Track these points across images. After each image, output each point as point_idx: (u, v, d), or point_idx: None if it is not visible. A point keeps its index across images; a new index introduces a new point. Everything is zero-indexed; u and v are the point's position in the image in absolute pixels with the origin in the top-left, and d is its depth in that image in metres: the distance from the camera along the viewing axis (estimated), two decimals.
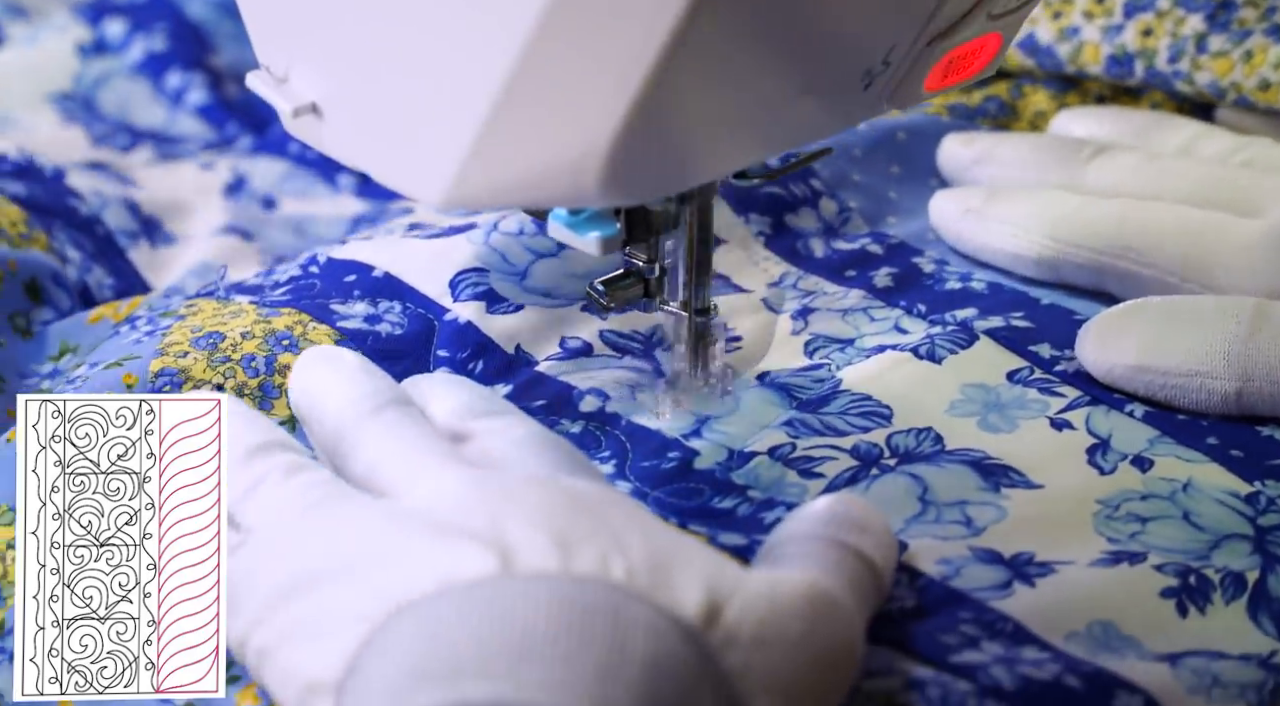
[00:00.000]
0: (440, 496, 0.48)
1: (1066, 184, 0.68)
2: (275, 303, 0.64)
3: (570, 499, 0.47)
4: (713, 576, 0.46)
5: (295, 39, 0.53)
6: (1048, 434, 0.58)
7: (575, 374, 0.62)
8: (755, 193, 0.69)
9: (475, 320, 0.63)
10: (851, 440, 0.58)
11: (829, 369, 0.62)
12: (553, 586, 0.44)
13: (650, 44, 0.45)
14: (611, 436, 0.60)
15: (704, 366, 0.61)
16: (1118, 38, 0.75)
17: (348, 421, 0.52)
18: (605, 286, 0.60)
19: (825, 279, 0.67)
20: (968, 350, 0.62)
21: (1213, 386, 0.58)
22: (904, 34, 0.51)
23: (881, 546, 0.50)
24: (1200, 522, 0.55)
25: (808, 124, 0.53)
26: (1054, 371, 0.61)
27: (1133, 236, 0.64)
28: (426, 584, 0.45)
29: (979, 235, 0.67)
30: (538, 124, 0.48)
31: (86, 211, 0.77)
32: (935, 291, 0.66)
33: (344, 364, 0.55)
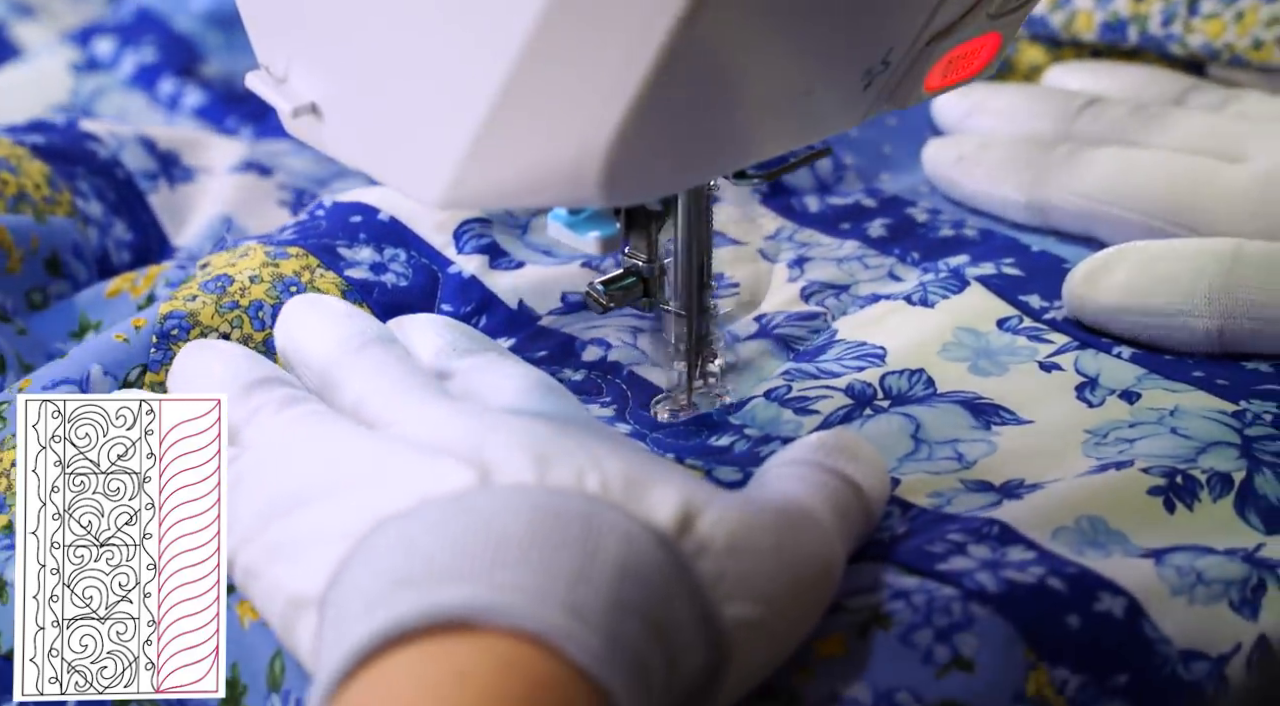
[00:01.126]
0: (423, 423, 0.49)
1: (1057, 134, 0.69)
2: (282, 241, 0.64)
3: (550, 425, 0.48)
4: (687, 489, 0.47)
5: (295, 39, 0.53)
6: (1037, 375, 0.59)
7: (577, 325, 0.63)
8: None
9: (479, 274, 0.64)
10: (846, 380, 0.59)
11: (825, 318, 0.63)
12: (528, 495, 0.45)
13: (649, 44, 0.44)
14: (612, 384, 0.61)
15: (703, 366, 0.61)
16: (1110, 4, 0.76)
17: (333, 360, 0.54)
18: (605, 286, 0.60)
19: (820, 231, 0.68)
20: (959, 295, 0.63)
21: (1195, 324, 0.59)
22: (904, 34, 0.51)
23: (870, 474, 0.51)
24: (1187, 433, 0.56)
25: (807, 124, 0.53)
26: (1043, 319, 0.62)
27: (1121, 183, 0.65)
28: (407, 499, 0.46)
29: (970, 182, 0.69)
30: (536, 124, 0.47)
31: (105, 154, 0.76)
32: (928, 239, 0.67)
33: (328, 308, 0.56)
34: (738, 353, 0.62)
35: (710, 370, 0.61)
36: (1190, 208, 0.64)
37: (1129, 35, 0.75)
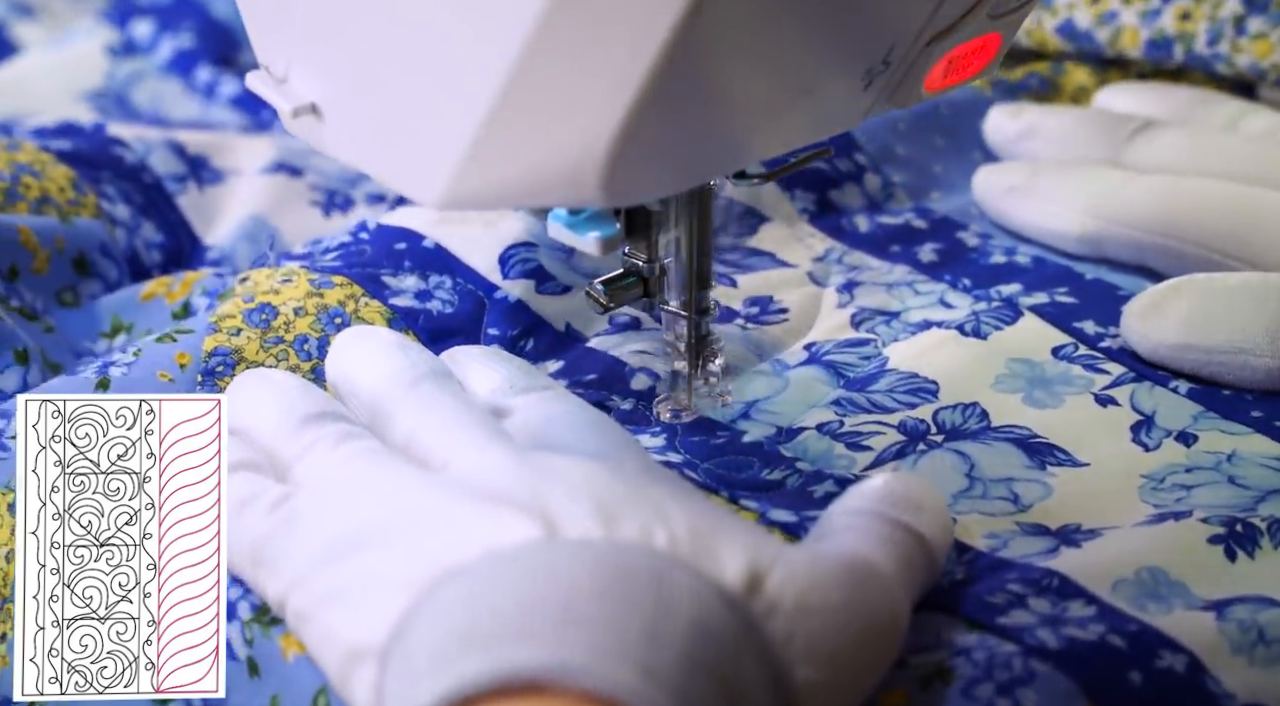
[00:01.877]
0: (483, 469, 0.48)
1: (1110, 159, 0.69)
2: (327, 268, 0.64)
3: (611, 473, 0.48)
4: (755, 546, 0.46)
5: (294, 39, 0.53)
6: (1092, 410, 0.59)
7: (624, 346, 0.62)
8: (800, 170, 0.69)
9: (525, 298, 0.64)
10: (898, 416, 0.59)
11: (876, 345, 0.63)
12: (596, 551, 0.44)
13: (649, 44, 0.44)
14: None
15: (704, 366, 0.61)
16: (1156, 22, 0.75)
17: (384, 395, 0.53)
18: (605, 286, 0.60)
19: (869, 254, 0.68)
20: (1013, 326, 0.62)
21: (1256, 363, 0.59)
22: (904, 34, 0.51)
23: (936, 524, 0.50)
24: (1245, 483, 0.55)
25: (807, 124, 0.53)
26: (1099, 347, 0.61)
27: (1175, 214, 0.64)
28: (471, 550, 0.45)
29: (1022, 212, 0.68)
30: (536, 124, 0.47)
31: (132, 159, 0.76)
32: (980, 265, 0.67)
33: (380, 340, 0.55)
34: (787, 379, 0.61)
35: (711, 370, 0.61)
36: (1246, 240, 0.63)
37: (1174, 53, 0.75)
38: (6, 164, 0.71)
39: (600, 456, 0.49)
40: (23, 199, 0.70)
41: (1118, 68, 0.78)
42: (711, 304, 0.60)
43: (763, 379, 0.62)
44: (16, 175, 0.71)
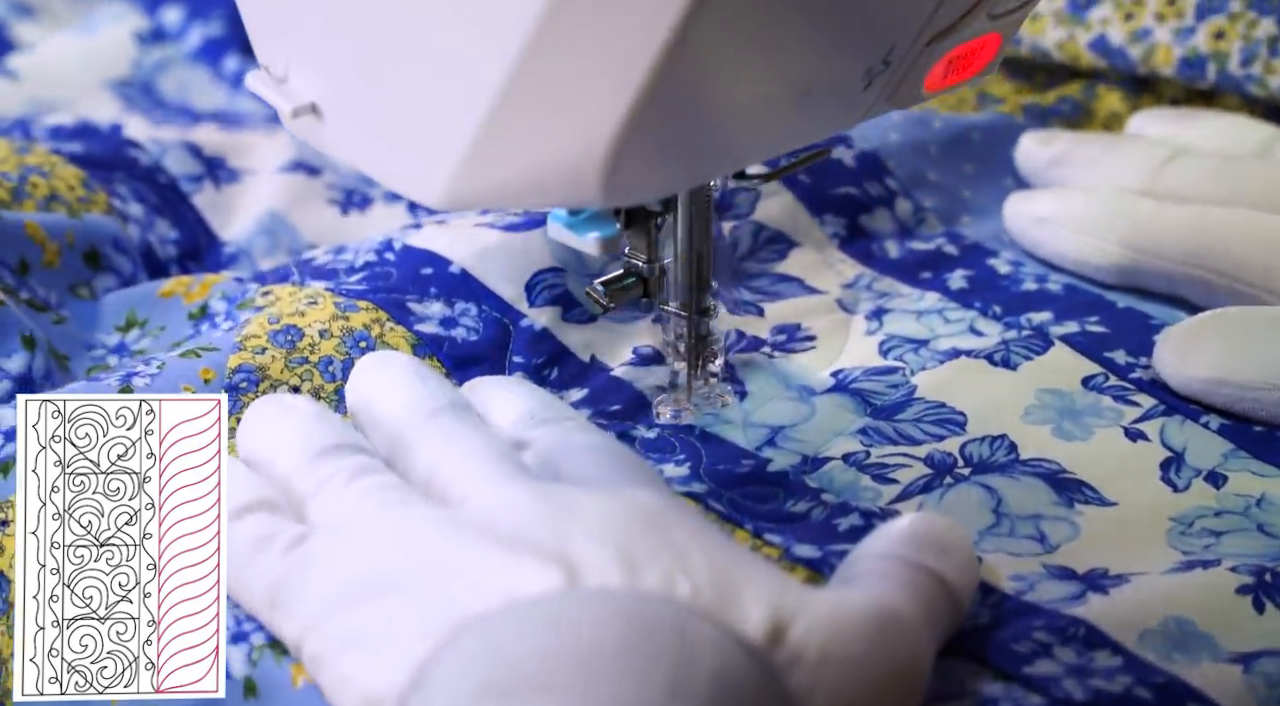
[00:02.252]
0: (502, 508, 0.48)
1: (1142, 187, 0.68)
2: (352, 292, 0.63)
3: (633, 513, 0.47)
4: (777, 595, 0.45)
5: (294, 39, 0.53)
6: (1122, 444, 0.58)
7: (649, 379, 0.62)
8: (830, 193, 0.69)
9: (551, 327, 0.63)
10: (925, 448, 0.58)
11: (904, 373, 0.62)
12: (619, 602, 0.44)
13: (649, 44, 0.44)
14: (686, 443, 0.59)
15: (703, 366, 0.61)
16: (1190, 40, 0.74)
17: (404, 425, 0.52)
18: (605, 286, 0.60)
19: (899, 280, 0.67)
20: (1043, 356, 0.62)
21: None
22: (904, 34, 0.51)
23: (961, 568, 0.49)
24: (1274, 531, 0.54)
25: (807, 124, 0.53)
26: (1129, 378, 0.61)
27: (1208, 244, 0.64)
28: (491, 599, 0.44)
29: (1053, 242, 0.67)
30: (536, 124, 0.47)
31: (147, 161, 0.76)
32: (1011, 293, 0.66)
33: (400, 368, 0.55)
34: (813, 406, 0.61)
35: (711, 370, 0.61)
36: (1275, 274, 0.62)
37: (1208, 73, 0.74)
38: (15, 166, 0.71)
39: (620, 492, 0.49)
40: (30, 196, 0.70)
41: (1150, 92, 0.77)
42: (711, 304, 0.60)
43: (789, 405, 0.61)
44: (24, 175, 0.71)
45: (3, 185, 0.70)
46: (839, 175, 0.70)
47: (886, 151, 0.71)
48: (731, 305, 0.65)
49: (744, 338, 0.63)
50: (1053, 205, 0.68)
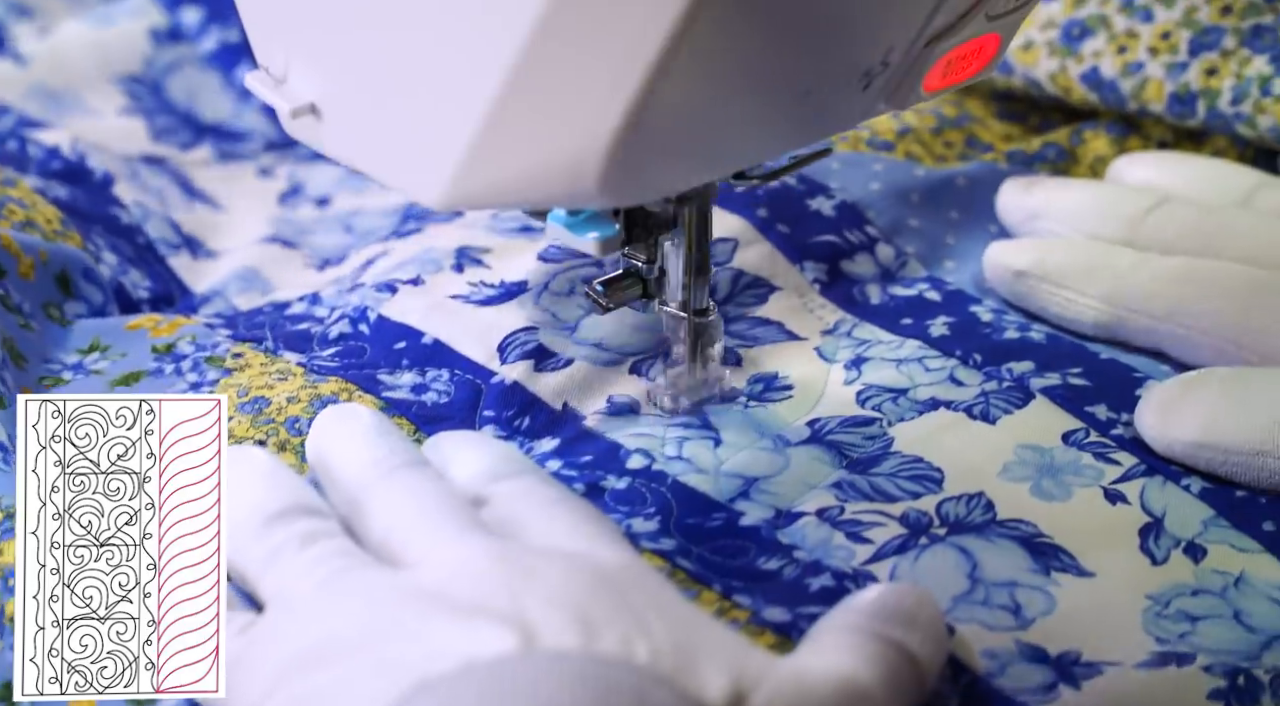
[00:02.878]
0: (458, 568, 0.47)
1: (1124, 238, 0.67)
2: (323, 368, 0.63)
3: (591, 575, 0.47)
4: (739, 662, 0.45)
5: (293, 39, 0.53)
6: (1101, 507, 0.57)
7: (623, 431, 0.61)
8: (810, 242, 0.68)
9: (522, 380, 0.62)
10: (901, 507, 0.57)
11: (880, 424, 0.61)
12: (576, 666, 0.43)
13: (648, 44, 0.44)
14: (657, 494, 0.58)
15: (703, 366, 0.61)
16: (1182, 76, 0.73)
17: (361, 484, 0.52)
18: (604, 286, 0.60)
19: (880, 327, 0.66)
20: (1023, 410, 0.61)
21: (1275, 466, 0.57)
22: (902, 34, 0.51)
23: (929, 642, 0.49)
24: (1251, 622, 0.53)
25: (806, 124, 0.53)
26: (1110, 435, 0.60)
27: (1190, 301, 0.62)
28: (447, 662, 0.44)
29: (1033, 298, 0.66)
30: (536, 124, 0.47)
31: (127, 221, 0.76)
32: (993, 341, 0.65)
33: (360, 423, 0.54)
34: (788, 456, 0.59)
35: (710, 355, 0.61)
36: (1262, 331, 0.61)
37: (1197, 110, 0.73)
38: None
39: (579, 553, 0.48)
40: (5, 218, 0.70)
41: (1137, 133, 0.76)
42: (710, 304, 0.60)
43: (764, 455, 0.60)
44: (3, 201, 0.71)
45: None
46: (819, 224, 0.69)
47: (867, 201, 0.70)
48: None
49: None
50: (1031, 259, 0.66)
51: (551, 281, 0.65)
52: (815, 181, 0.70)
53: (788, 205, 0.68)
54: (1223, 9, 0.73)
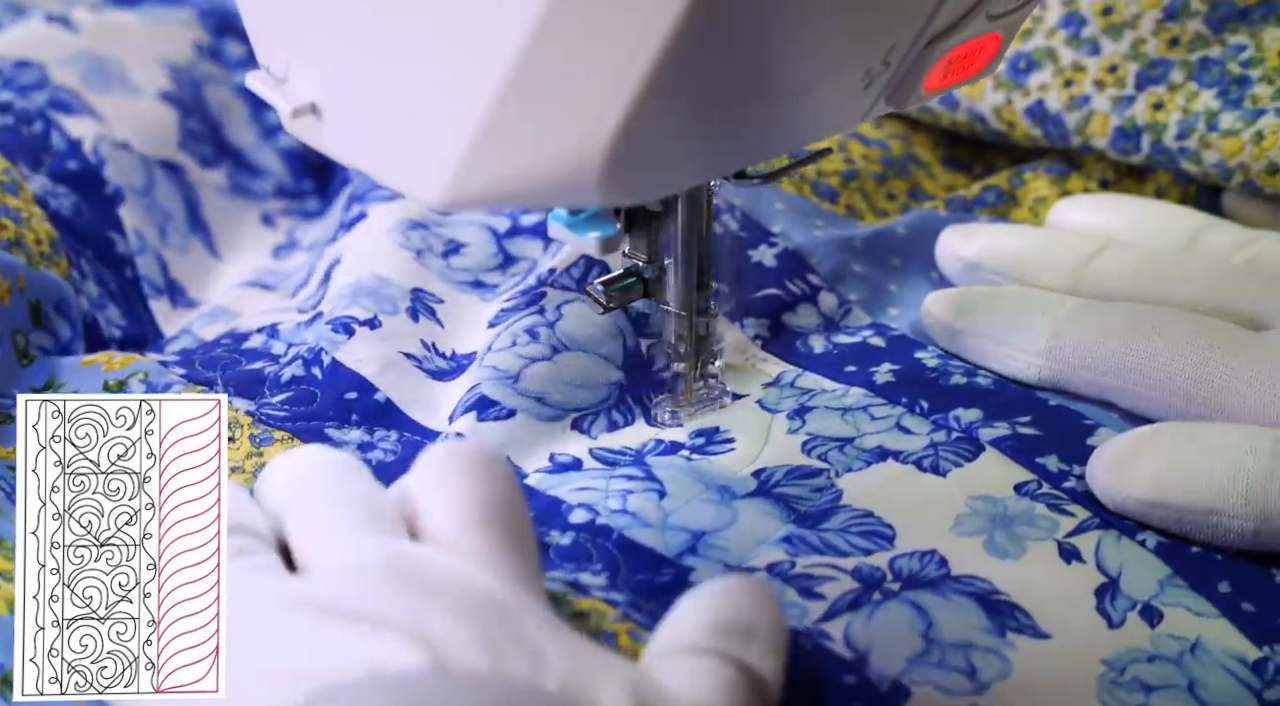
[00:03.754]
0: (348, 574, 0.47)
1: (1066, 285, 0.65)
2: (273, 418, 0.62)
3: (485, 596, 0.47)
4: (637, 691, 0.45)
5: (294, 39, 0.53)
6: (1055, 565, 0.56)
7: (564, 487, 0.59)
8: (750, 299, 0.67)
9: (466, 431, 0.61)
10: (853, 561, 0.56)
11: (828, 475, 0.59)
12: (488, 688, 0.43)
13: (649, 43, 0.45)
14: (603, 549, 0.57)
15: (703, 367, 0.61)
16: (1128, 109, 0.72)
17: (286, 494, 0.52)
18: (604, 286, 0.60)
19: (824, 376, 0.65)
20: (973, 463, 0.59)
21: (1229, 524, 0.56)
22: (903, 34, 0.51)
23: (770, 654, 0.48)
24: (1206, 696, 0.52)
25: (807, 124, 0.53)
26: (1063, 487, 0.59)
27: (1135, 355, 0.61)
28: (352, 671, 0.44)
29: (973, 352, 0.64)
30: (536, 123, 0.47)
31: (122, 250, 0.75)
32: (939, 386, 0.63)
33: (309, 459, 0.54)
34: (735, 510, 0.58)
35: (711, 371, 0.61)
36: (1211, 384, 0.60)
37: (1142, 145, 0.71)
38: None
39: (473, 575, 0.48)
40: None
41: (1079, 172, 0.75)
42: (712, 304, 0.60)
43: (710, 508, 0.58)
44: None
45: None
46: (759, 277, 0.67)
47: (809, 247, 0.69)
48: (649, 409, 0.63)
49: (661, 444, 0.61)
50: (969, 318, 0.64)
51: (495, 342, 0.64)
52: (760, 226, 0.68)
53: (729, 259, 0.67)
54: (1170, 40, 0.72)
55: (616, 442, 0.61)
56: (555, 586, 0.54)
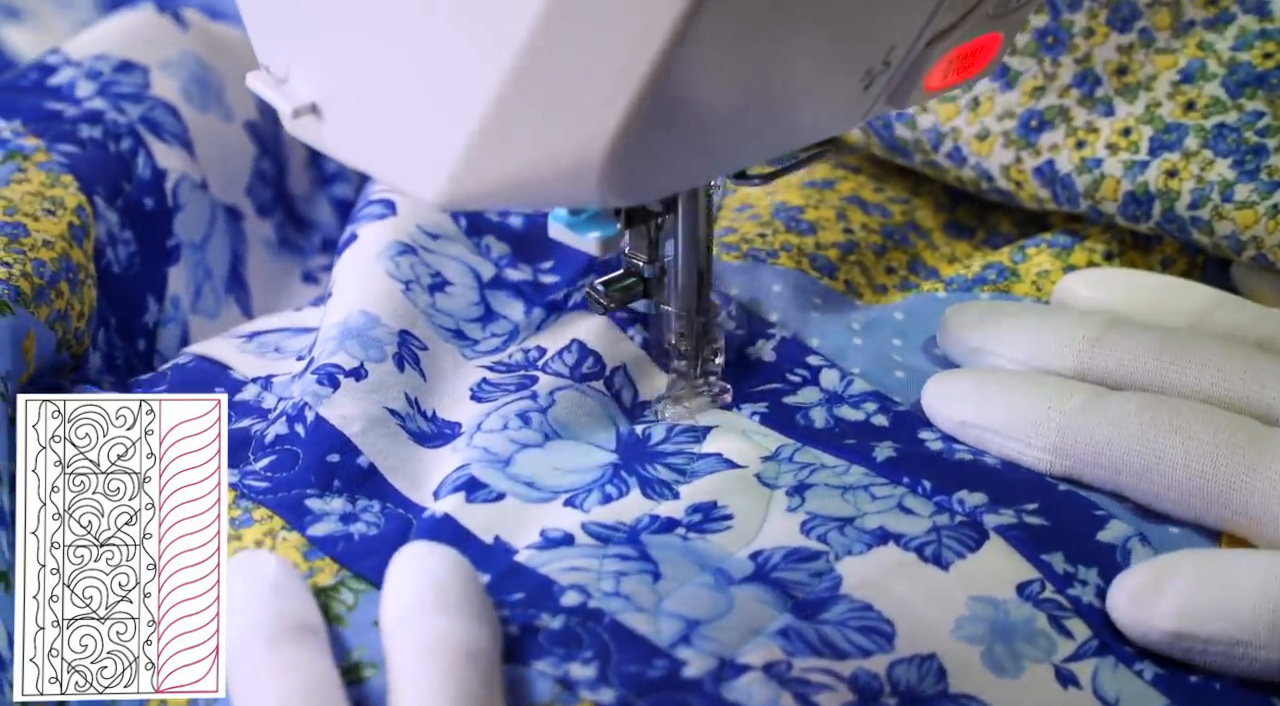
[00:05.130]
0: None
1: (1073, 369, 0.63)
2: (253, 491, 0.60)
3: None
4: None
5: (295, 38, 0.53)
6: (1053, 691, 0.54)
7: (554, 565, 0.57)
8: (749, 392, 0.64)
9: (453, 512, 0.59)
10: (850, 665, 0.54)
11: (828, 558, 0.57)
12: None
13: (649, 43, 0.44)
14: (594, 634, 0.54)
15: (704, 367, 0.61)
16: (1140, 175, 0.69)
17: (241, 649, 0.51)
18: (605, 286, 0.60)
19: (825, 451, 0.62)
20: (976, 554, 0.57)
21: (1255, 655, 0.54)
22: (904, 34, 0.51)
23: None
24: None
25: (807, 124, 0.53)
26: (1067, 593, 0.57)
27: (1149, 453, 0.59)
28: None
29: (980, 444, 0.62)
30: (537, 123, 0.47)
31: (148, 319, 0.71)
32: (944, 462, 0.61)
33: (259, 577, 0.52)
34: (731, 597, 0.56)
35: (711, 369, 0.61)
36: (1232, 487, 0.57)
37: (1153, 212, 0.69)
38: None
39: None
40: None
41: (1082, 246, 0.72)
42: (712, 304, 0.60)
43: (706, 594, 0.56)
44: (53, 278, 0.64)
45: None
46: (759, 372, 0.65)
47: (808, 331, 0.66)
48: (646, 481, 0.61)
49: (656, 519, 0.58)
50: (972, 409, 0.62)
51: (484, 421, 0.62)
52: (757, 316, 0.66)
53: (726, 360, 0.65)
54: (1186, 104, 0.69)
55: (610, 516, 0.58)
56: (544, 683, 0.53)
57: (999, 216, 0.77)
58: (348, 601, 0.54)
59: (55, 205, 0.66)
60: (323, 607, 0.53)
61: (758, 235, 0.68)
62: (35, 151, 0.69)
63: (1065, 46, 0.70)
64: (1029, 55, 0.70)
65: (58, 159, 0.69)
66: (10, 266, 0.61)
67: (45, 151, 0.69)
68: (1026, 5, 0.54)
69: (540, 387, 0.62)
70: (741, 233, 0.68)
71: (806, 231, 0.69)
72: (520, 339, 0.65)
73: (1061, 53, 0.70)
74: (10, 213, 0.64)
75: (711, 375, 0.61)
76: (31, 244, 0.63)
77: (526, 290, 0.68)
